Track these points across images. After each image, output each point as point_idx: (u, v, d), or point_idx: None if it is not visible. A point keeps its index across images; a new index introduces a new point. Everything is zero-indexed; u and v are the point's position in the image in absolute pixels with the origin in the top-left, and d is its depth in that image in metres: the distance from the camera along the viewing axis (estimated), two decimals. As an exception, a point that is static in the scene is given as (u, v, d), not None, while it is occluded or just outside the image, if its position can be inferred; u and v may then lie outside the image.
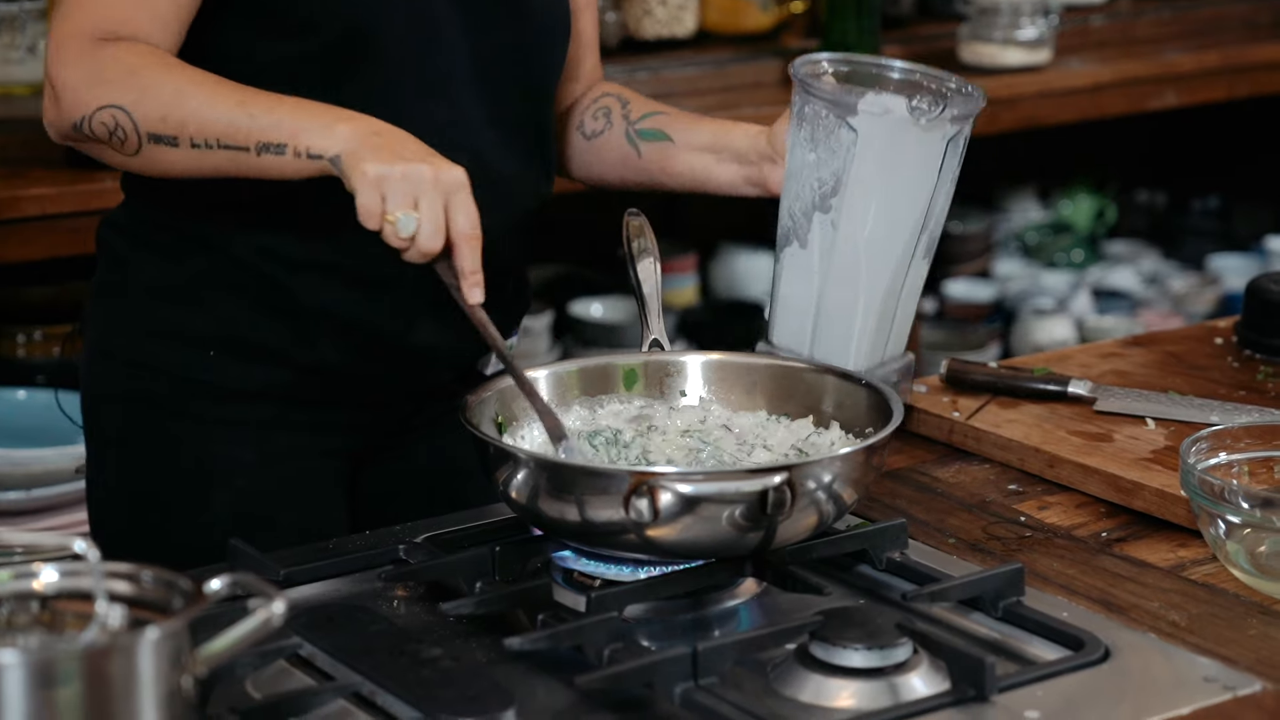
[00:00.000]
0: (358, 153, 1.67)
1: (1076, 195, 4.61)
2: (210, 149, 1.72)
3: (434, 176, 1.66)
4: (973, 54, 3.61)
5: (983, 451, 2.01)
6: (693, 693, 1.46)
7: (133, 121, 1.73)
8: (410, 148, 1.68)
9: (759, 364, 1.88)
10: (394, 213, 1.65)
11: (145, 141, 1.74)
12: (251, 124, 1.71)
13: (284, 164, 1.71)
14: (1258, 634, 1.59)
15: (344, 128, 1.69)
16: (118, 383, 1.95)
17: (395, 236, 1.66)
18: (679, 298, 3.84)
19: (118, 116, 1.73)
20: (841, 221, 1.85)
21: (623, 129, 2.06)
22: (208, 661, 1.18)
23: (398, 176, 1.65)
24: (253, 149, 1.71)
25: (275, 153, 1.71)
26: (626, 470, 1.60)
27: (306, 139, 1.69)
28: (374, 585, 1.69)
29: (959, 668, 1.48)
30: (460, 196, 1.67)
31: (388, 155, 1.66)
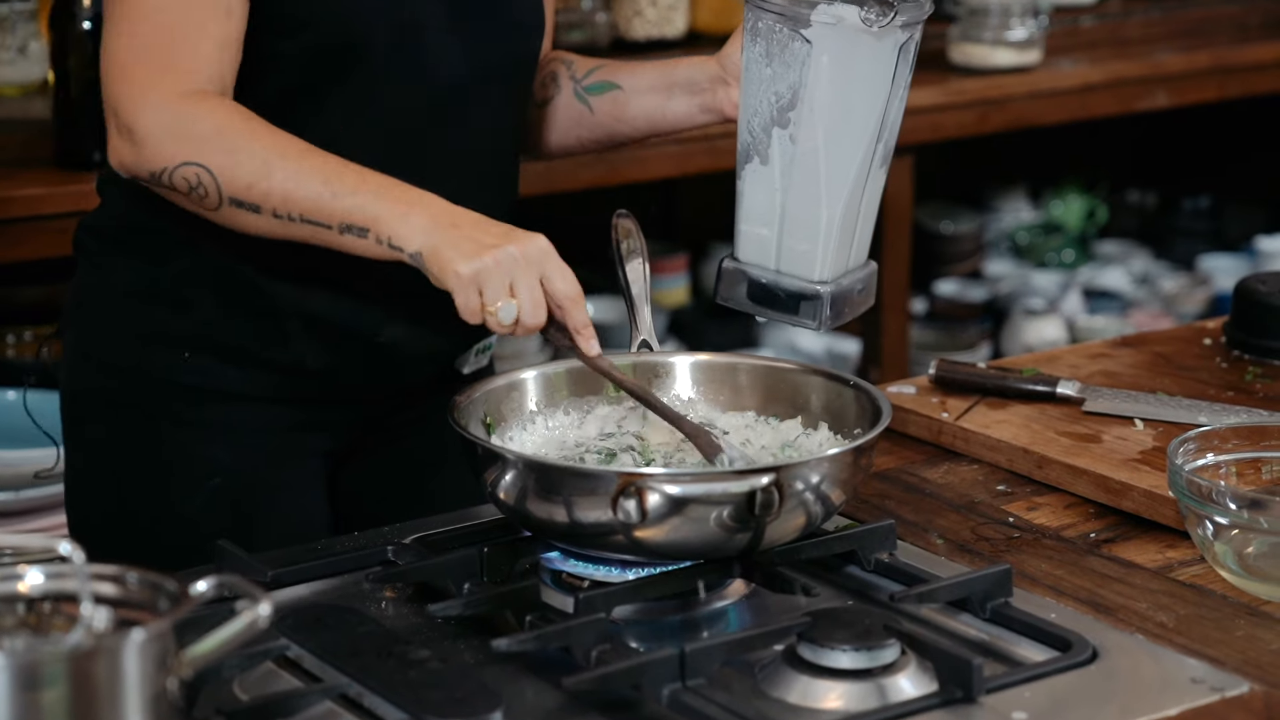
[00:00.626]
0: (440, 251, 1.68)
1: (1067, 195, 4.62)
2: (293, 221, 1.74)
3: (523, 256, 1.68)
4: (962, 55, 3.61)
5: (971, 452, 2.01)
6: (680, 694, 1.46)
7: (216, 184, 1.75)
8: (490, 232, 1.70)
9: (747, 365, 1.88)
10: (493, 304, 1.67)
11: (226, 204, 1.76)
12: (335, 203, 1.72)
13: (366, 247, 1.73)
14: (1245, 635, 1.59)
15: (420, 218, 1.70)
16: (97, 384, 1.95)
17: (499, 326, 1.68)
18: (670, 298, 3.84)
19: (201, 176, 1.75)
20: (800, 134, 1.85)
21: (570, 89, 2.07)
22: (193, 663, 1.18)
23: (491, 269, 1.67)
24: (335, 228, 1.73)
25: (358, 235, 1.72)
26: (614, 471, 1.59)
27: (388, 227, 1.71)
28: (362, 586, 1.69)
29: (946, 669, 1.48)
30: (551, 264, 1.70)
31: (472, 248, 1.68)
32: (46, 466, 2.77)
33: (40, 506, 2.84)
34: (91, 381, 1.96)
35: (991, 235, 4.57)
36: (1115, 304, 4.29)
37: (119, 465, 1.95)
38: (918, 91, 3.46)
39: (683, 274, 3.93)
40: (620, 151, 3.07)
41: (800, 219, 1.89)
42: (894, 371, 3.52)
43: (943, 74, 3.57)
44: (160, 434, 1.92)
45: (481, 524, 1.79)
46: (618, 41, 3.46)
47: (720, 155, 3.21)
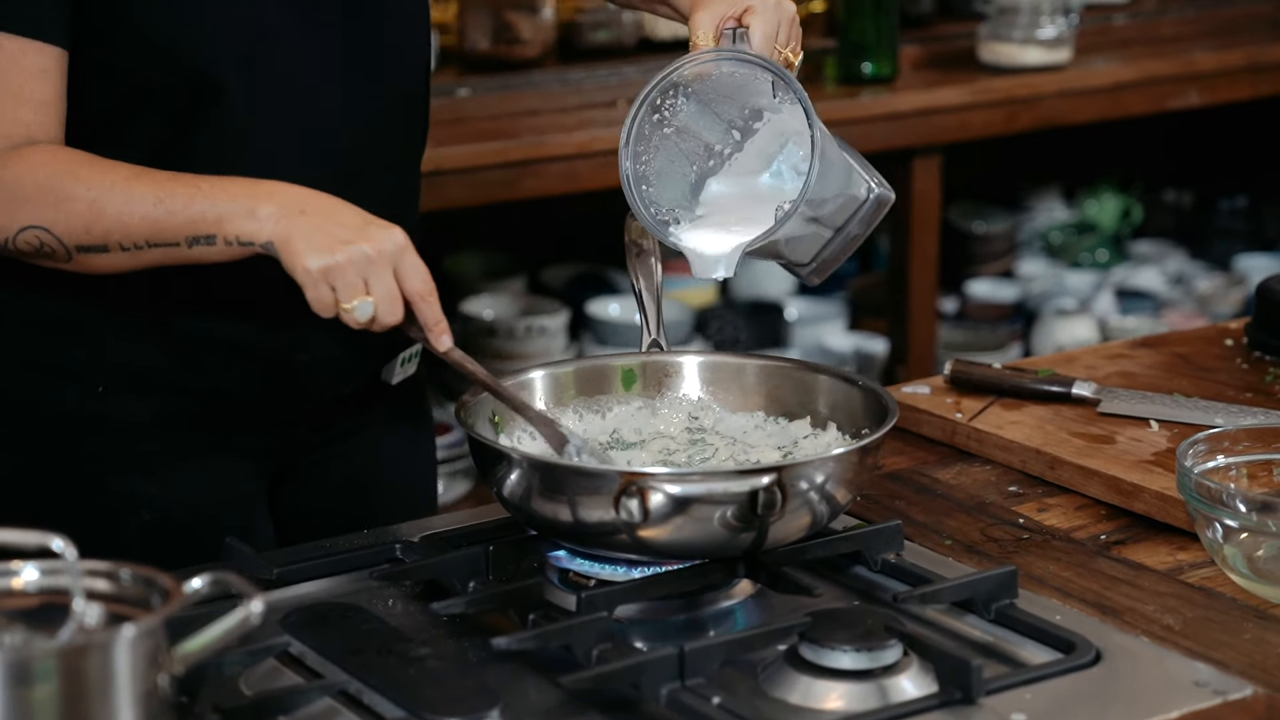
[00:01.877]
0: (291, 241, 1.63)
1: (1102, 195, 4.59)
2: (140, 250, 1.69)
3: (377, 252, 1.63)
4: (992, 53, 3.60)
5: (984, 453, 2.00)
6: (679, 693, 1.46)
7: (56, 238, 1.69)
8: (344, 223, 1.64)
9: (756, 365, 1.88)
10: (348, 302, 1.63)
11: (74, 253, 1.70)
12: (173, 220, 1.67)
13: (218, 253, 1.67)
14: (1253, 638, 1.58)
15: (266, 209, 1.65)
16: (4, 423, 1.87)
17: (354, 322, 1.64)
18: (697, 298, 3.84)
19: (41, 236, 1.70)
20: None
21: None
22: (185, 660, 1.19)
23: (343, 264, 1.62)
24: (183, 243, 1.67)
25: (206, 244, 1.67)
26: (616, 470, 1.60)
27: (233, 227, 1.66)
28: (370, 584, 1.70)
29: (946, 670, 1.48)
30: (406, 260, 1.64)
31: (324, 241, 1.63)
32: None
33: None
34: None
35: (1025, 235, 4.55)
36: (1148, 304, 4.27)
37: (38, 504, 1.87)
38: (946, 90, 3.48)
39: (712, 273, 3.92)
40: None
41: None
42: (920, 371, 3.51)
43: (972, 73, 3.56)
44: (77, 471, 1.85)
45: (490, 522, 1.79)
46: (644, 42, 3.46)
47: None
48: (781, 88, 1.77)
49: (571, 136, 3.03)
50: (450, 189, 2.91)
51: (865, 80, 3.47)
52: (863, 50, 3.47)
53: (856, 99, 3.41)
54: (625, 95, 3.28)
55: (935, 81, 3.52)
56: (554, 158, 2.99)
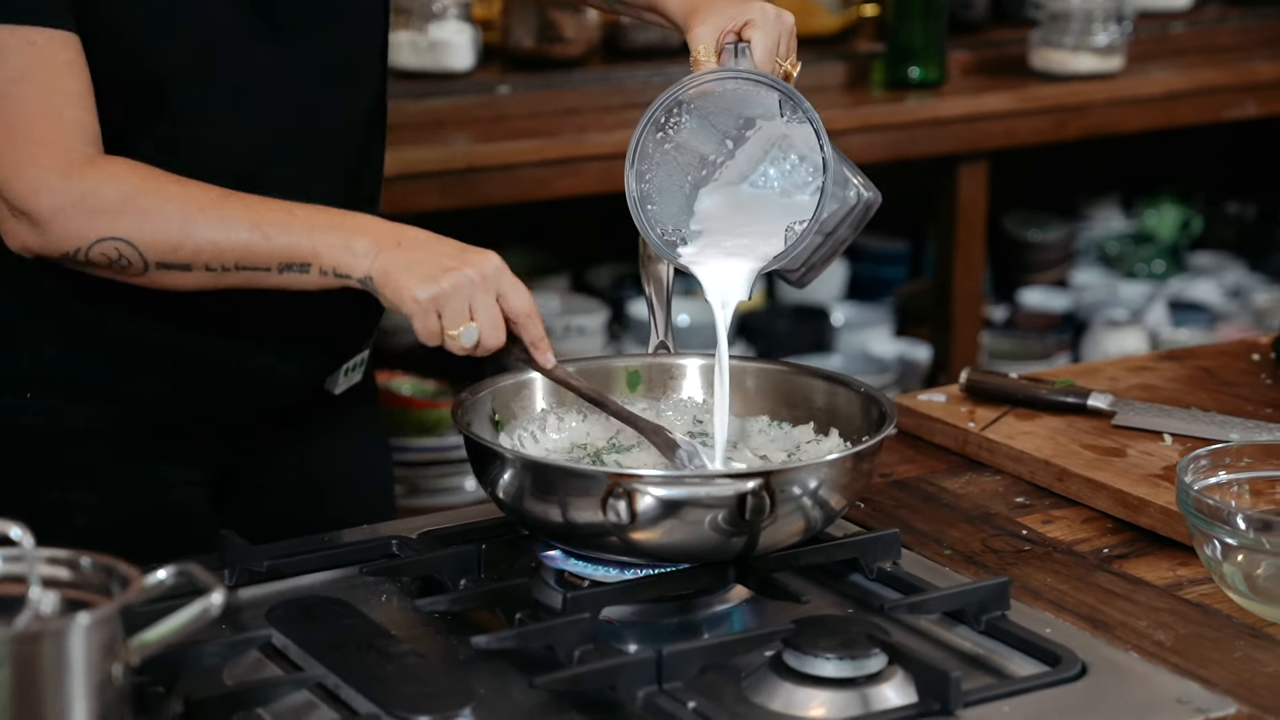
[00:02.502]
0: (393, 275, 1.64)
1: (1162, 205, 4.55)
2: (228, 271, 1.69)
3: (480, 277, 1.65)
4: (1043, 60, 3.57)
5: (995, 463, 1.99)
6: (655, 697, 1.46)
7: (138, 252, 1.68)
8: (442, 252, 1.66)
9: (761, 369, 1.88)
10: (454, 329, 1.64)
11: (153, 268, 1.70)
12: (269, 245, 1.67)
13: (309, 281, 1.68)
14: (1243, 656, 1.56)
15: (362, 243, 1.66)
16: None
17: (460, 349, 1.65)
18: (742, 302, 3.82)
19: (121, 249, 1.68)
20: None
21: None
22: (142, 651, 1.19)
23: (449, 293, 1.63)
24: (274, 269, 1.68)
25: (299, 272, 1.68)
26: (604, 472, 1.59)
27: (330, 259, 1.66)
28: (365, 580, 1.70)
29: (925, 680, 1.47)
30: (505, 282, 1.67)
31: (427, 271, 1.64)
32: None
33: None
34: None
35: (1081, 244, 4.51)
36: (1203, 317, 4.22)
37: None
38: (992, 96, 3.45)
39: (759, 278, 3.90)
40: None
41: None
42: (961, 379, 3.48)
43: (1021, 80, 3.54)
44: (12, 477, 1.84)
45: (488, 521, 1.79)
46: (690, 42, 3.45)
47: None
48: (790, 106, 1.76)
49: (609, 136, 3.03)
50: (486, 186, 2.92)
51: (912, 85, 3.45)
52: (911, 55, 3.45)
53: (902, 104, 3.39)
54: (668, 96, 3.28)
55: (983, 88, 3.49)
56: (591, 157, 2.99)
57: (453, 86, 3.14)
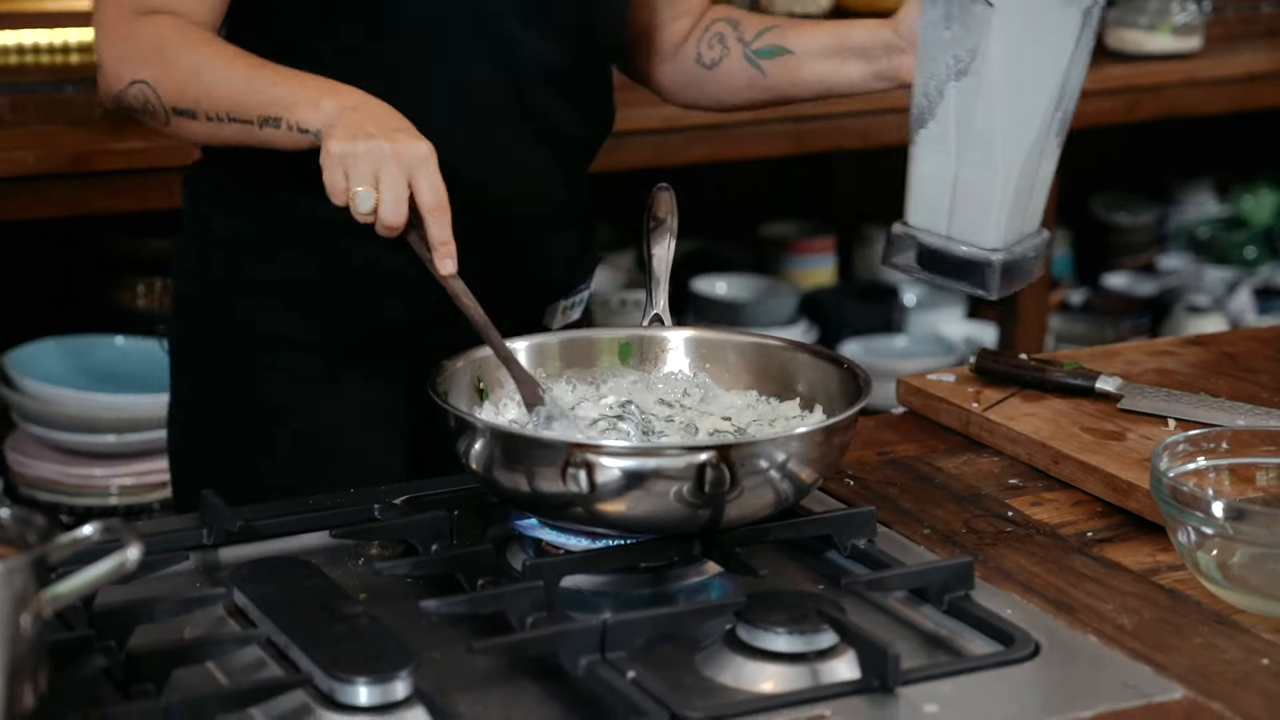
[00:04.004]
0: (331, 130, 1.72)
1: (1259, 190, 4.47)
2: (222, 122, 1.80)
3: (394, 151, 1.69)
4: (1118, 39, 3.53)
5: (995, 444, 1.98)
6: (597, 665, 1.46)
7: (158, 96, 1.81)
8: (381, 123, 1.71)
9: (750, 343, 1.87)
10: (353, 189, 1.69)
11: (170, 114, 1.82)
12: (254, 97, 1.77)
13: (281, 137, 1.77)
14: (1203, 643, 1.54)
15: (329, 102, 1.74)
16: (194, 329, 2.03)
17: (357, 212, 1.70)
18: (811, 278, 3.82)
19: (145, 91, 1.81)
20: (978, 98, 1.84)
21: (740, 52, 2.08)
22: (55, 603, 1.22)
23: (360, 154, 1.69)
24: (255, 122, 1.78)
25: (273, 126, 1.77)
26: (563, 441, 1.60)
27: (298, 113, 1.75)
28: (346, 544, 1.72)
29: (866, 657, 1.47)
30: (424, 170, 1.70)
31: (352, 132, 1.71)
32: (152, 414, 2.88)
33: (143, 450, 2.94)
34: (190, 326, 2.03)
35: (1172, 228, 4.45)
36: (1291, 304, 4.16)
37: (209, 404, 2.03)
38: (1061, 77, 3.41)
39: (830, 255, 3.90)
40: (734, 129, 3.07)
41: (974, 184, 1.88)
42: (1024, 361, 3.45)
43: (1095, 60, 3.47)
44: (244, 380, 1.99)
45: (471, 488, 1.80)
46: (757, 17, 3.44)
47: (845, 136, 3.18)
48: None
49: (660, 110, 3.02)
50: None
51: (980, 64, 3.41)
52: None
53: (969, 83, 3.36)
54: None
55: (1053, 67, 3.44)
56: (641, 131, 2.99)
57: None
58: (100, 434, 2.87)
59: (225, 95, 1.78)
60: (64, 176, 2.74)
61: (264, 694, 1.40)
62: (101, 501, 2.89)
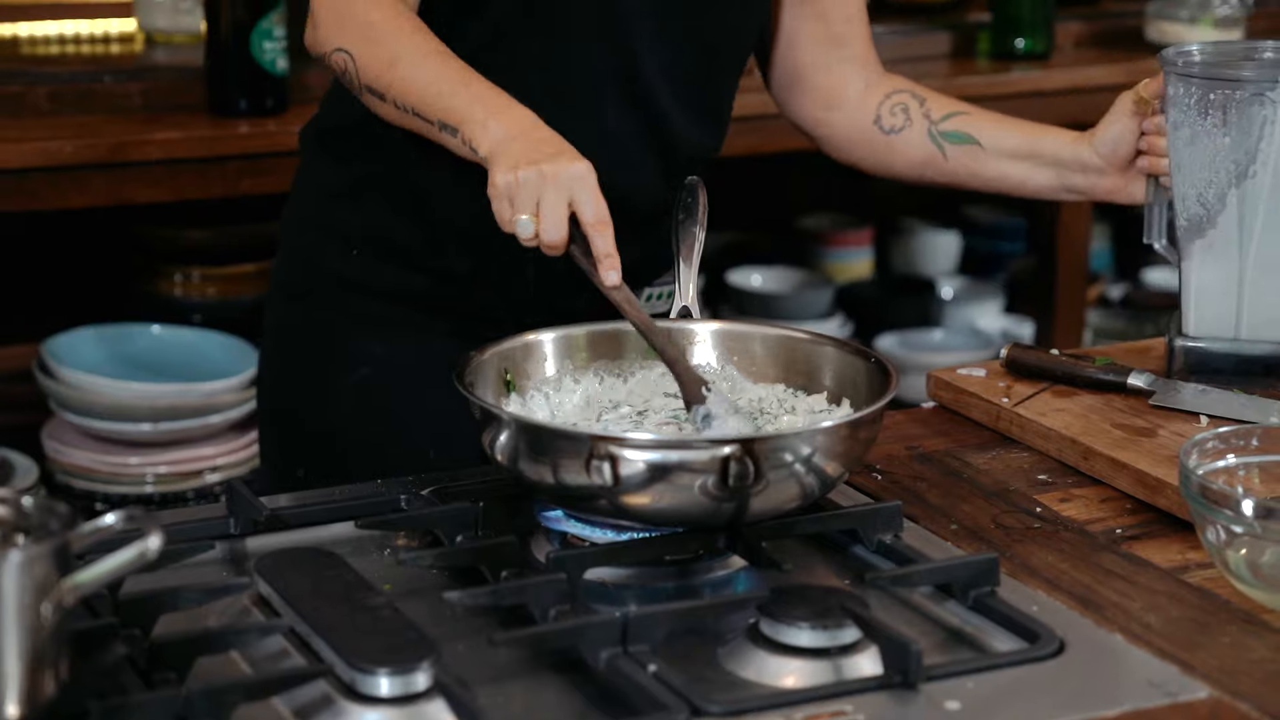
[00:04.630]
0: (495, 159, 1.75)
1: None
2: (406, 114, 1.84)
3: (553, 174, 1.72)
4: (1158, 32, 3.50)
5: (1025, 439, 1.97)
6: (618, 658, 1.46)
7: (356, 69, 1.87)
8: (541, 149, 1.74)
9: (777, 336, 1.87)
10: (516, 217, 1.73)
11: (363, 90, 1.88)
12: (437, 102, 1.81)
13: (456, 146, 1.82)
14: (1231, 642, 1.53)
15: (497, 125, 1.78)
16: (287, 275, 2.12)
17: (521, 238, 1.74)
18: (848, 271, 3.81)
19: (347, 61, 1.88)
20: (1261, 197, 1.91)
21: (924, 128, 2.14)
22: (76, 591, 1.22)
23: (519, 183, 1.73)
24: (435, 125, 1.82)
25: (450, 134, 1.81)
26: (587, 434, 1.60)
27: (470, 130, 1.79)
28: (374, 534, 1.73)
29: (889, 653, 1.46)
30: (583, 190, 1.73)
31: (514, 161, 1.73)
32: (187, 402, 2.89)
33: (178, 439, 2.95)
34: (285, 271, 2.12)
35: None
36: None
37: (295, 351, 2.10)
38: (1100, 69, 3.40)
39: (867, 248, 3.89)
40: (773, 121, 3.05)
41: (1265, 285, 1.97)
42: (1061, 356, 3.44)
43: (1134, 52, 3.47)
44: (325, 322, 2.06)
45: (499, 479, 1.80)
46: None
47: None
48: None
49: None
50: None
51: (1018, 56, 3.41)
52: (1017, 25, 3.40)
53: (1007, 75, 3.35)
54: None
55: (1092, 60, 3.44)
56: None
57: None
58: (136, 422, 2.88)
59: (413, 91, 1.82)
60: (102, 166, 2.75)
61: (285, 684, 1.40)
62: (136, 490, 2.90)
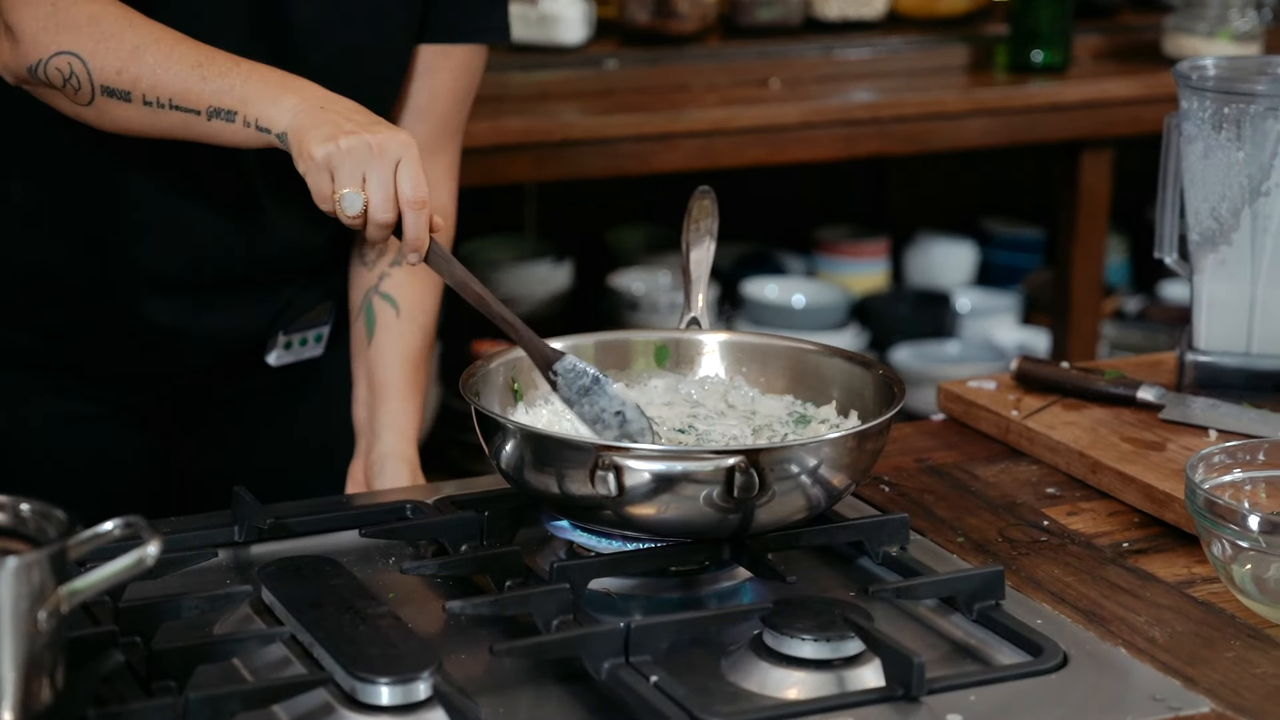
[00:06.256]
0: (303, 132, 1.64)
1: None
2: (162, 109, 1.70)
3: (378, 145, 1.62)
4: (1175, 46, 3.49)
5: (1034, 453, 1.96)
6: (620, 669, 1.46)
7: (88, 71, 1.71)
8: (355, 119, 1.65)
9: (785, 347, 1.86)
10: (339, 192, 1.62)
11: (98, 93, 1.72)
12: (204, 87, 1.68)
13: (234, 132, 1.69)
14: (1235, 657, 1.52)
15: (291, 99, 1.66)
16: None
17: (344, 215, 1.63)
18: (863, 283, 3.80)
19: (73, 64, 1.71)
20: (1277, 212, 1.92)
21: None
22: (72, 599, 1.22)
23: (342, 153, 1.61)
24: (204, 113, 1.68)
25: (225, 119, 1.68)
26: (591, 444, 1.60)
27: (256, 109, 1.67)
28: (378, 543, 1.72)
29: (891, 665, 1.45)
30: (407, 161, 1.63)
31: (331, 131, 1.62)
32: None
33: None
34: None
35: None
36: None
37: None
38: (1118, 82, 3.39)
39: (883, 259, 3.89)
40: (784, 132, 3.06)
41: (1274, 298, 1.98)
42: (1076, 369, 3.43)
43: (1152, 66, 3.46)
44: None
45: (505, 489, 1.79)
46: (810, 21, 3.43)
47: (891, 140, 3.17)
48: None
49: (709, 113, 3.03)
50: (581, 159, 2.93)
51: (1035, 69, 3.40)
52: (1035, 38, 3.39)
53: (1023, 87, 3.34)
54: (780, 74, 3.26)
55: (1110, 73, 3.43)
56: (690, 133, 2.99)
57: (561, 60, 3.16)
58: None
59: (170, 81, 1.68)
60: None
61: (285, 692, 1.40)
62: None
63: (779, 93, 3.19)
